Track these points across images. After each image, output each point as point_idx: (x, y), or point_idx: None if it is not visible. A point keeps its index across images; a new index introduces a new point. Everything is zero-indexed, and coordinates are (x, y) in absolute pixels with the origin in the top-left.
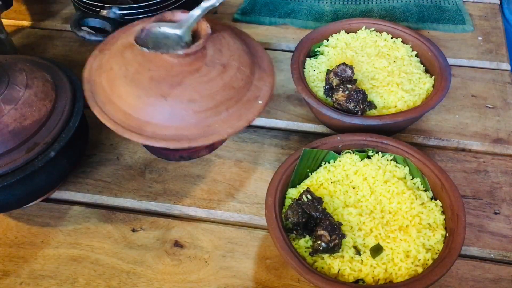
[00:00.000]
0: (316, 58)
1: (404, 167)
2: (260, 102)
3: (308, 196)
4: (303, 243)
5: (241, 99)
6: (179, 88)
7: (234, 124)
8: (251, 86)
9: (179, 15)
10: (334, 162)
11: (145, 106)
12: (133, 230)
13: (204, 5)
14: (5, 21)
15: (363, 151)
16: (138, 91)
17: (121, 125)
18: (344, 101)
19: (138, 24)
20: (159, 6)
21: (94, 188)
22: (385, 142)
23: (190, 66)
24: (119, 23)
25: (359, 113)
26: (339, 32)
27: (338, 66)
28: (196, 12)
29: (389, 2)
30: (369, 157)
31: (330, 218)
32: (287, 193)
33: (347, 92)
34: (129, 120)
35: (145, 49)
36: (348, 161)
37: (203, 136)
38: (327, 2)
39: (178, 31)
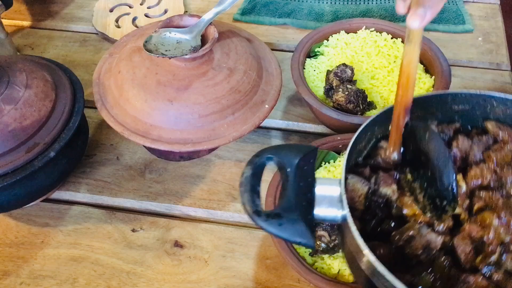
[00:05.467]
0: (316, 58)
1: None
2: (266, 106)
3: None
4: None
5: (247, 103)
6: (186, 92)
7: (239, 128)
8: (258, 90)
9: (187, 19)
10: (334, 162)
11: (152, 110)
12: (133, 230)
13: (215, 9)
14: (5, 21)
15: None
16: (145, 95)
17: (128, 128)
18: (344, 102)
19: (147, 29)
20: None
21: (94, 188)
22: None
23: (196, 70)
24: None
25: (359, 113)
26: (339, 32)
27: (338, 66)
28: (207, 16)
29: (389, 2)
30: None
31: None
32: None
33: (347, 93)
34: (136, 124)
35: (153, 54)
36: None
37: (208, 140)
38: (327, 2)
39: (188, 36)
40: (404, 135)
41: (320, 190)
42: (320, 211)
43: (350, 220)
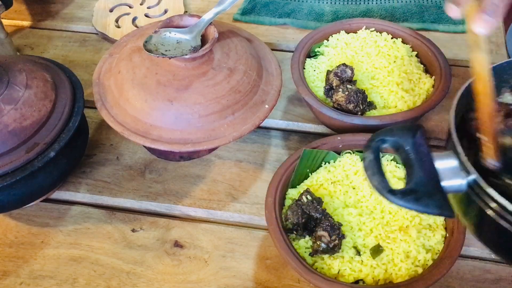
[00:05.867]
0: (316, 58)
1: None
2: (266, 106)
3: (308, 196)
4: (303, 244)
5: (247, 103)
6: (186, 92)
7: (239, 128)
8: (258, 90)
9: (187, 19)
10: (334, 162)
11: (152, 110)
12: (133, 230)
13: (215, 9)
14: (5, 21)
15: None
16: (145, 95)
17: (128, 128)
18: (344, 102)
19: (147, 29)
20: None
21: (94, 188)
22: None
23: (197, 70)
24: None
25: (359, 113)
26: (339, 32)
27: (338, 66)
28: (207, 16)
29: (389, 2)
30: None
31: (330, 218)
32: (287, 193)
33: (347, 93)
34: (136, 124)
35: (153, 54)
36: (348, 161)
37: (208, 140)
38: (327, 2)
39: (188, 36)
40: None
41: (439, 164)
42: (446, 183)
43: (484, 184)
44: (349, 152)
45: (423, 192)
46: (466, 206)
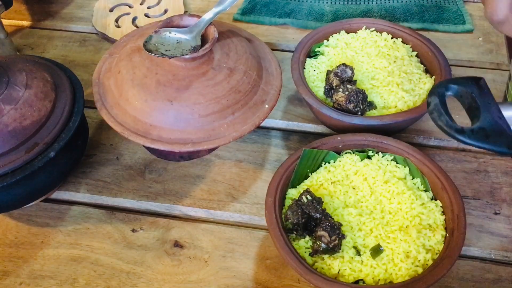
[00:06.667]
0: (316, 58)
1: (404, 167)
2: (266, 106)
3: (308, 196)
4: (303, 244)
5: (247, 103)
6: (186, 92)
7: (239, 128)
8: (258, 90)
9: (187, 19)
10: (334, 162)
11: (152, 110)
12: (133, 231)
13: (215, 9)
14: (5, 21)
15: (363, 151)
16: (145, 95)
17: (127, 128)
18: (344, 102)
19: (147, 28)
20: None
21: (94, 188)
22: (385, 142)
23: (196, 70)
24: None
25: (359, 113)
26: (339, 32)
27: (338, 66)
28: (207, 16)
29: (389, 2)
30: (369, 157)
31: (330, 218)
32: (287, 193)
33: (347, 93)
34: (136, 124)
35: (153, 54)
36: (348, 161)
37: (208, 140)
38: (327, 2)
39: (188, 36)
40: None
41: (505, 111)
42: None
43: None
44: (349, 152)
45: (492, 131)
46: None
